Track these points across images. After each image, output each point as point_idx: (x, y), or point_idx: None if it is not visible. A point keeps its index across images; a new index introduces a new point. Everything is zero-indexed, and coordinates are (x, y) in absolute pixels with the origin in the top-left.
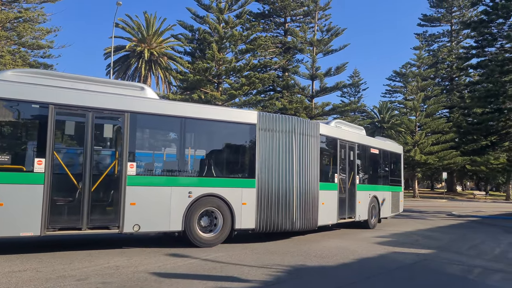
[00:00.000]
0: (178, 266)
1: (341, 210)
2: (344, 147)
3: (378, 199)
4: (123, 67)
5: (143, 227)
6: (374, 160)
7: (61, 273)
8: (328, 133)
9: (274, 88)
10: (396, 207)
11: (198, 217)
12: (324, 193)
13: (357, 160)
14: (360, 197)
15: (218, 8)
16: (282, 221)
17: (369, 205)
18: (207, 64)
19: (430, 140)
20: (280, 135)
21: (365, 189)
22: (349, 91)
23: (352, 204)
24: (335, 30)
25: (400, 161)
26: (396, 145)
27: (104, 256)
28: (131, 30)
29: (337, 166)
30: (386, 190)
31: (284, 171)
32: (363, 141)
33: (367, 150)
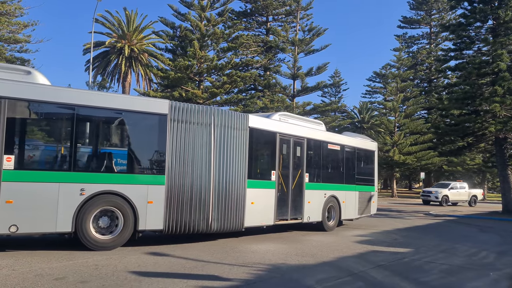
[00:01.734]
0: (158, 264)
1: (281, 210)
2: (286, 142)
3: (338, 199)
4: (102, 63)
5: (22, 228)
6: (333, 157)
7: (38, 272)
8: (262, 126)
9: (255, 87)
10: (366, 208)
11: (93, 217)
12: (254, 192)
13: (307, 156)
14: (310, 196)
15: (200, 5)
16: (196, 222)
17: (324, 205)
18: (189, 62)
19: (408, 140)
20: (196, 127)
21: (319, 188)
22: (330, 91)
23: (298, 204)
24: (317, 30)
25: (373, 159)
26: (368, 142)
27: (84, 255)
28: (111, 26)
29: (275, 162)
30: (351, 190)
31: (200, 167)
32: (317, 136)
33: (322, 146)
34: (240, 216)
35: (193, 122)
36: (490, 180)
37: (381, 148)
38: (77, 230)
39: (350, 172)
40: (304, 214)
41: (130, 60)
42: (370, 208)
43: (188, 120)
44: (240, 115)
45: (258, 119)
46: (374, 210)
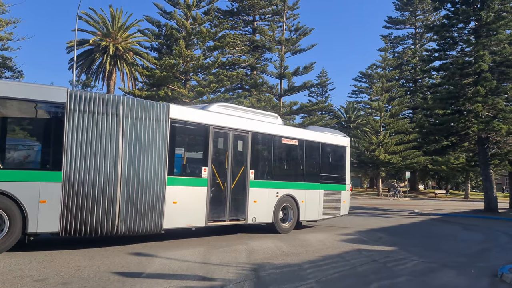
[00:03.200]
0: (142, 265)
1: (216, 210)
2: (224, 135)
3: (295, 199)
4: (86, 62)
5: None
6: (289, 152)
7: (18, 274)
8: (189, 118)
9: (242, 86)
10: (334, 209)
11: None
12: (177, 190)
13: (252, 151)
14: (256, 195)
15: (186, 4)
16: (99, 223)
17: (277, 205)
18: (174, 61)
19: (394, 140)
20: (101, 118)
21: (269, 186)
22: (316, 91)
23: (240, 204)
24: (303, 29)
25: (344, 155)
26: (338, 137)
27: (66, 256)
28: (96, 24)
29: (207, 157)
30: (313, 189)
31: (105, 163)
32: (266, 129)
33: (274, 141)
34: (157, 217)
35: (98, 112)
36: (473, 178)
37: (367, 147)
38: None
39: (312, 170)
40: (248, 214)
41: (115, 58)
42: (339, 209)
43: (91, 110)
44: (158, 105)
45: (183, 110)
46: (345, 210)
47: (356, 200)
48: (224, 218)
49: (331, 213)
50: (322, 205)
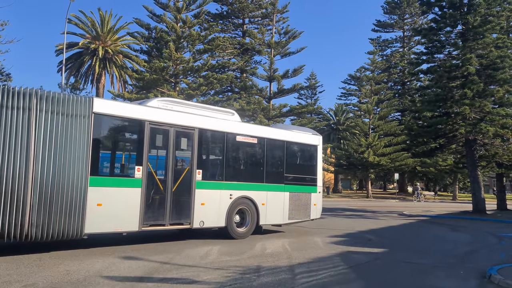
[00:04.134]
0: (132, 268)
1: (153, 214)
2: (163, 132)
3: (254, 201)
4: (76, 65)
5: None
6: (246, 151)
7: (6, 279)
8: (118, 113)
9: (232, 89)
10: (302, 212)
11: None
12: (102, 191)
13: (199, 150)
14: (205, 197)
15: (175, 7)
16: (6, 227)
17: (230, 208)
18: (164, 64)
19: (383, 142)
20: (11, 112)
21: (220, 187)
22: (306, 93)
23: (183, 207)
24: (293, 33)
25: (315, 155)
26: (307, 135)
27: (55, 260)
28: (85, 26)
29: (143, 156)
30: (276, 190)
31: (13, 161)
32: (217, 126)
33: (227, 139)
34: (77, 221)
35: (7, 106)
36: (461, 180)
37: (356, 149)
38: None
39: (275, 170)
40: (193, 218)
41: (104, 61)
42: (309, 212)
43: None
44: (78, 99)
45: (111, 104)
46: (316, 214)
47: (345, 202)
48: (164, 222)
49: (299, 216)
50: (287, 208)
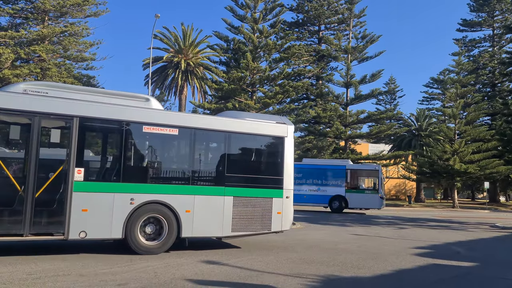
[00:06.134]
0: (214, 273)
1: (10, 221)
2: (22, 122)
3: (173, 208)
4: (160, 78)
5: None
6: (162, 145)
7: (102, 278)
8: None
9: (307, 96)
10: (258, 222)
11: None
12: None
13: (79, 143)
14: (89, 202)
15: (252, 18)
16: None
17: (131, 215)
18: (242, 74)
19: (470, 148)
20: None
21: (115, 189)
22: (384, 99)
23: (54, 213)
24: (370, 37)
25: (281, 150)
26: (268, 124)
27: (144, 261)
28: (169, 41)
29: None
30: (213, 194)
31: None
32: (110, 114)
33: (128, 129)
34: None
35: None
36: None
37: (440, 156)
38: None
39: (210, 168)
40: (70, 227)
41: (186, 73)
42: (269, 222)
43: None
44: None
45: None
46: (283, 224)
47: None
48: (21, 232)
49: (251, 227)
50: (229, 217)
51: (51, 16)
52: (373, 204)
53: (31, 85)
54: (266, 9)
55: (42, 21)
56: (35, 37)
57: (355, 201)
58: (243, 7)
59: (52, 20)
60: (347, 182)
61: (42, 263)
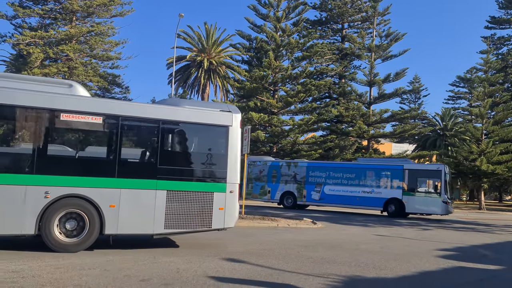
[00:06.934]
0: (236, 271)
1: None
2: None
3: (94, 202)
4: (183, 77)
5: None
6: (82, 134)
7: (126, 273)
8: None
9: (330, 95)
10: (196, 218)
11: None
12: None
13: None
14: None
15: (275, 17)
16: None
17: (46, 210)
18: (264, 72)
19: (498, 149)
20: None
21: (26, 182)
22: (409, 98)
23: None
24: (395, 35)
25: (225, 140)
26: (209, 112)
27: (167, 257)
28: (192, 40)
29: None
30: (142, 187)
31: None
32: (16, 100)
33: (43, 116)
34: None
35: None
36: None
37: (466, 157)
38: None
39: (139, 160)
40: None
41: (209, 72)
42: (209, 218)
43: None
44: None
45: None
46: (225, 221)
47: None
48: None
49: (189, 224)
50: (162, 213)
51: (79, 16)
52: (435, 209)
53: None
54: (289, 7)
55: (70, 21)
56: (63, 37)
57: (413, 205)
58: (266, 6)
59: (79, 20)
60: (405, 184)
61: (68, 257)
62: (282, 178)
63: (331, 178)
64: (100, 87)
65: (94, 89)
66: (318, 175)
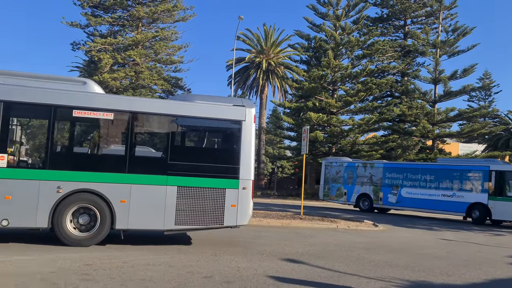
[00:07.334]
0: (295, 271)
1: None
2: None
3: (105, 197)
4: (242, 78)
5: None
6: (94, 130)
7: (190, 269)
8: None
9: (392, 94)
10: (207, 215)
11: None
12: None
13: (6, 129)
14: (12, 189)
15: (335, 15)
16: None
17: (58, 204)
18: (322, 72)
19: None
20: None
21: (40, 177)
22: (478, 95)
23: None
24: (463, 29)
25: (238, 135)
26: (222, 107)
27: (227, 256)
28: (251, 42)
29: None
30: (153, 183)
31: None
32: (32, 98)
33: (56, 113)
34: None
35: None
36: None
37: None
38: None
39: (150, 155)
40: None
41: (267, 73)
42: (220, 215)
43: None
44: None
45: None
46: (238, 218)
47: None
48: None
49: (199, 221)
50: (173, 209)
51: (144, 23)
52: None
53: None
54: (348, 5)
55: (136, 27)
56: (130, 42)
57: (501, 211)
58: (325, 5)
59: (145, 26)
60: (492, 187)
61: (134, 252)
62: (358, 180)
63: (408, 180)
64: (164, 90)
65: (159, 92)
66: (395, 177)
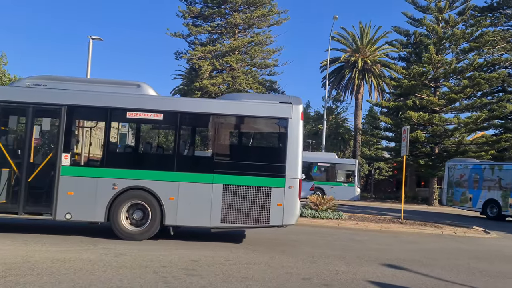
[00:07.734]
0: (397, 278)
1: (8, 200)
2: (18, 112)
3: (155, 194)
4: (337, 78)
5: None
6: (145, 130)
7: (288, 270)
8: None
9: (504, 89)
10: (252, 214)
11: None
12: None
13: (67, 131)
14: (74, 186)
15: (437, 7)
16: None
17: (113, 200)
18: (423, 68)
19: None
20: None
21: (98, 174)
22: None
23: (43, 195)
24: None
25: (284, 133)
26: (267, 105)
27: (325, 259)
28: (346, 41)
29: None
30: (199, 181)
31: None
32: (94, 101)
33: (111, 115)
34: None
35: None
36: None
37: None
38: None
39: (196, 154)
40: (56, 209)
41: (363, 72)
42: (266, 214)
43: None
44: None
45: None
46: (284, 218)
47: None
48: (17, 210)
49: (245, 219)
50: (219, 206)
51: (240, 29)
52: None
53: (33, 79)
54: None
55: (233, 34)
56: (227, 49)
57: None
58: None
59: (241, 33)
60: None
61: (237, 250)
62: (484, 184)
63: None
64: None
65: None
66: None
